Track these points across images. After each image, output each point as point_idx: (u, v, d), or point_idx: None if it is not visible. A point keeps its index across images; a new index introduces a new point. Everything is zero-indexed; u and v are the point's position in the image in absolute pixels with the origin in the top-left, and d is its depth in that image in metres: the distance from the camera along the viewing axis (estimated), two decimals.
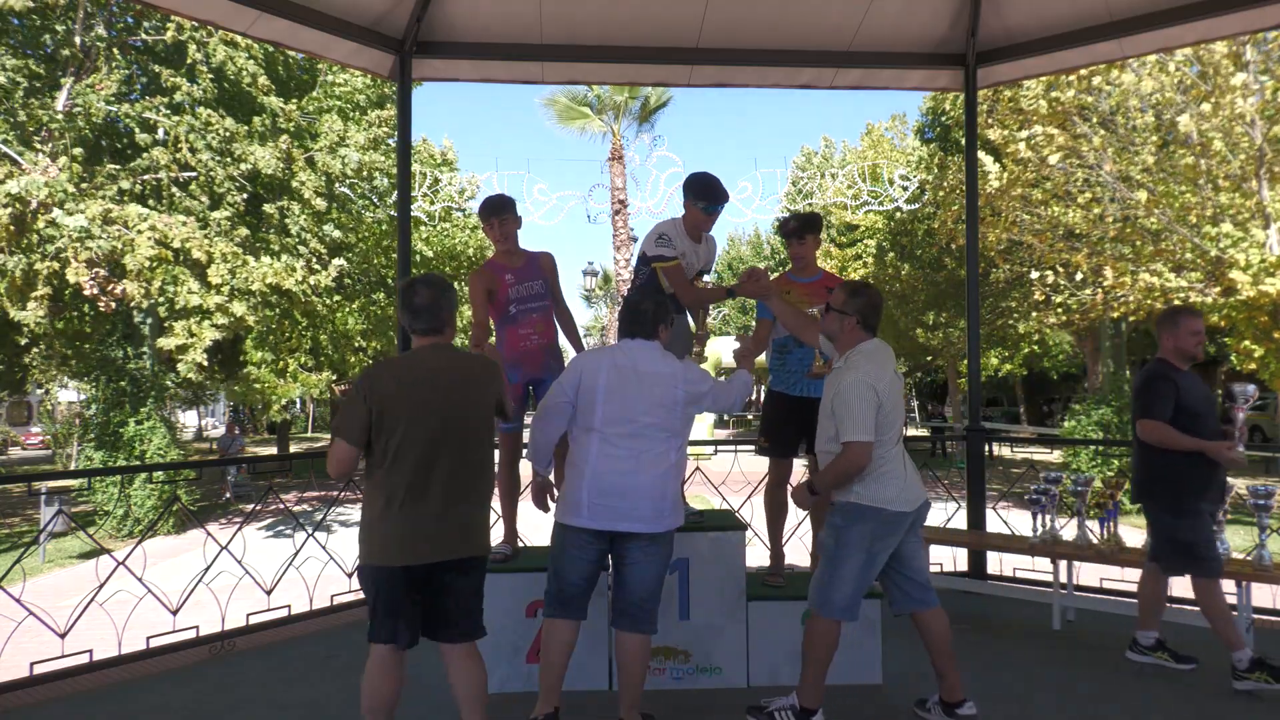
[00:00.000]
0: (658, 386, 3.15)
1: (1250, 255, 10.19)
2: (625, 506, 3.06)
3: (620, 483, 3.07)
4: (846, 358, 3.26)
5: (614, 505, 3.06)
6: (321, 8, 4.85)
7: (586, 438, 3.15)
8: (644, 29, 5.43)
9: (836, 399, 3.15)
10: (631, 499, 3.07)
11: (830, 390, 3.24)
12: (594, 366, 3.19)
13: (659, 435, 3.14)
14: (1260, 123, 10.53)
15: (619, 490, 3.06)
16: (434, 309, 2.85)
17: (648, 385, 3.14)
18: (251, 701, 3.71)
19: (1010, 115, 12.40)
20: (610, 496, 3.07)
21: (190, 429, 41.05)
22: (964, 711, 3.30)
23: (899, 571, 3.32)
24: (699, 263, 4.04)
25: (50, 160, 11.02)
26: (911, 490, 3.24)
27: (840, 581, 3.19)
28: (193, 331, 12.35)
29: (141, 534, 5.60)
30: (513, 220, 3.96)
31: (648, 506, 3.09)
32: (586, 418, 3.15)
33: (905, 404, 3.59)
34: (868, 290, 3.32)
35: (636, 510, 3.07)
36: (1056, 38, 5.32)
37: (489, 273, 3.95)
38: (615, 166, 18.51)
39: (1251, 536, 4.31)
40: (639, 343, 3.25)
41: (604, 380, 3.15)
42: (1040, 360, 24.84)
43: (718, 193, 3.86)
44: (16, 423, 34.33)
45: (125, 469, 12.68)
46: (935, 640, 3.31)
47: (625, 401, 3.11)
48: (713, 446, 6.39)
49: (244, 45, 12.67)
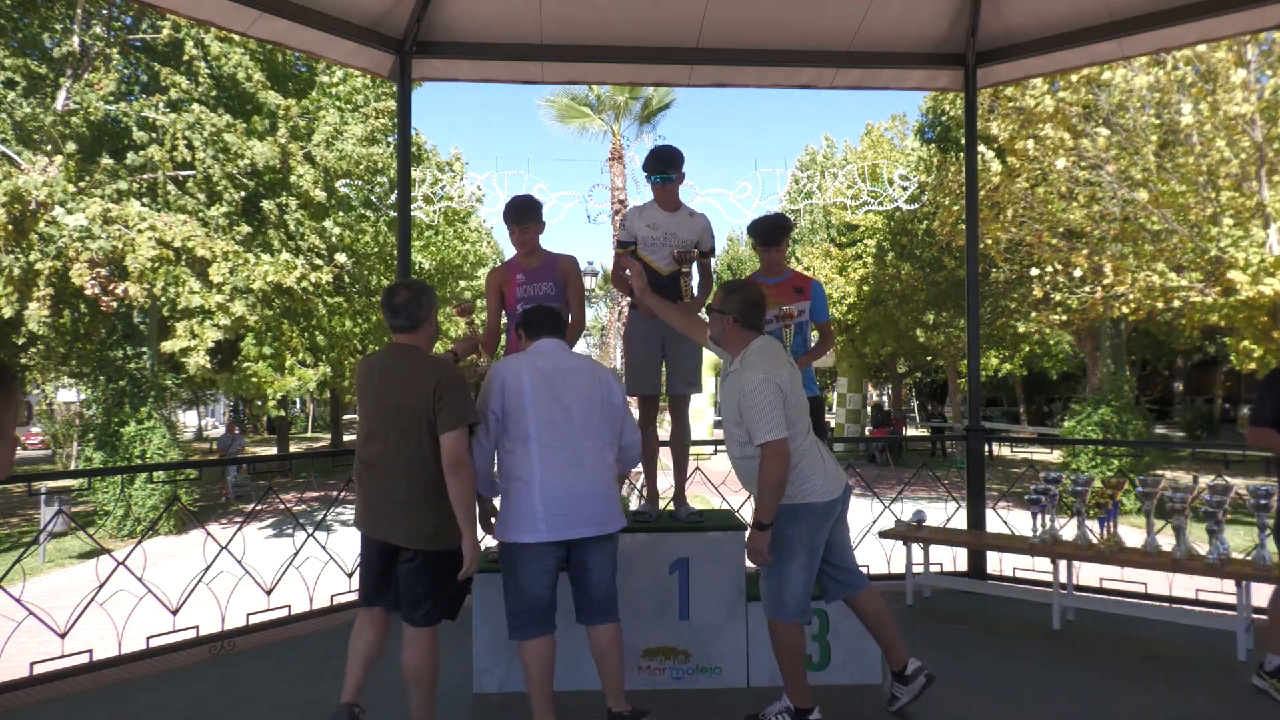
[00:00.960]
0: (582, 384, 3.12)
1: (1250, 255, 10.20)
2: (580, 513, 3.03)
3: (570, 489, 3.03)
4: (741, 358, 3.18)
5: (569, 513, 3.02)
6: (321, 8, 4.85)
7: (523, 448, 3.05)
8: (644, 29, 5.43)
9: (743, 402, 3.08)
10: (584, 504, 3.04)
11: (732, 395, 3.16)
12: (514, 372, 3.10)
13: (594, 434, 3.11)
14: (1260, 122, 10.53)
15: (571, 497, 3.03)
16: (409, 308, 3.05)
17: (573, 384, 3.11)
18: (251, 701, 3.71)
19: (1012, 114, 12.40)
20: (563, 505, 3.02)
21: (190, 429, 41.05)
22: (910, 671, 3.37)
23: (826, 560, 3.32)
24: (682, 233, 3.99)
25: (49, 160, 11.01)
26: (834, 478, 3.23)
27: (789, 583, 3.17)
28: (195, 332, 12.35)
29: (141, 534, 5.60)
30: (535, 227, 3.91)
31: (600, 509, 3.07)
32: (519, 427, 3.06)
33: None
34: (743, 287, 3.25)
35: (591, 515, 3.05)
36: (1056, 38, 5.32)
37: (502, 271, 3.97)
38: (615, 166, 18.50)
39: (1251, 536, 4.31)
40: (554, 343, 3.21)
41: (528, 385, 3.07)
42: (1040, 360, 24.85)
43: (655, 161, 3.89)
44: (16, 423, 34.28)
45: (125, 469, 12.67)
46: (873, 618, 3.37)
47: (556, 404, 3.06)
48: (713, 446, 6.39)
49: (240, 42, 12.67)
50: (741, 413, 3.09)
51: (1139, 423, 13.55)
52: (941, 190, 16.20)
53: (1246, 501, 4.28)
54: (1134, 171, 11.82)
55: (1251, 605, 4.14)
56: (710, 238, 4.12)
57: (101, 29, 12.63)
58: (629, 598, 3.76)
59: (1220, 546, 4.16)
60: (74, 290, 11.38)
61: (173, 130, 11.89)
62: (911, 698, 3.40)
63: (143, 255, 10.87)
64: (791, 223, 4.26)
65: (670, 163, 3.92)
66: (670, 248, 3.98)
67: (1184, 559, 4.27)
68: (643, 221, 3.99)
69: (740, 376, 3.12)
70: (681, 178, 3.99)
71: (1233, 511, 4.56)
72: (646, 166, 3.94)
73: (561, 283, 3.96)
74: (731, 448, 3.27)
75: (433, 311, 3.12)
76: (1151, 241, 11.93)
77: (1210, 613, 4.48)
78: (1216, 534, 4.19)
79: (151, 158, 11.87)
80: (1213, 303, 10.99)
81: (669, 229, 3.98)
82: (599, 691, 3.70)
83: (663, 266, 3.96)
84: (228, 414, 40.71)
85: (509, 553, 3.09)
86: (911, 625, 4.57)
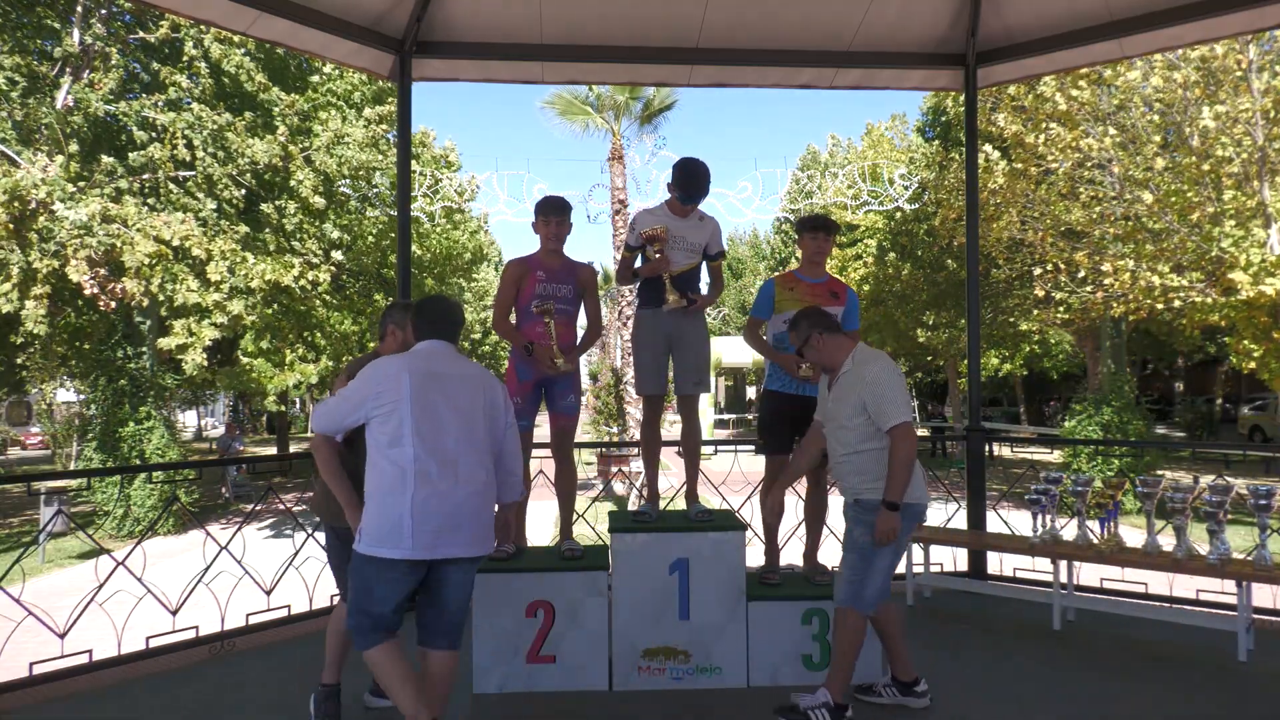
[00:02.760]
0: (465, 393, 2.89)
1: (1251, 255, 10.20)
2: (450, 532, 2.78)
3: (443, 506, 2.77)
4: (853, 358, 3.39)
5: (438, 531, 2.76)
6: (321, 8, 4.84)
7: (398, 453, 2.78)
8: (644, 29, 5.43)
9: (869, 390, 3.24)
10: (456, 523, 2.79)
11: (851, 391, 3.31)
12: (394, 373, 2.84)
13: (475, 449, 2.87)
14: (1262, 123, 10.53)
15: (443, 515, 2.77)
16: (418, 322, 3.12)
17: (454, 392, 2.87)
18: (251, 701, 3.71)
19: (1013, 114, 12.40)
20: (433, 521, 2.75)
21: (190, 429, 41.05)
22: (921, 690, 3.48)
23: None
24: (692, 236, 4.07)
25: (49, 159, 11.02)
26: (923, 484, 3.42)
27: (874, 576, 3.30)
28: (192, 330, 12.36)
29: (141, 534, 5.60)
30: (567, 223, 4.01)
31: (471, 530, 2.83)
32: (393, 433, 2.79)
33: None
34: (801, 312, 3.54)
35: (462, 534, 2.81)
36: (1056, 38, 5.32)
37: (524, 264, 3.99)
38: (615, 166, 18.49)
39: (1251, 536, 4.31)
40: (442, 344, 2.99)
41: (406, 388, 2.81)
42: (1040, 360, 24.84)
43: (693, 185, 3.93)
44: (16, 423, 34.32)
45: (125, 469, 12.67)
46: (896, 627, 3.52)
47: (434, 412, 2.81)
48: (713, 446, 6.38)
49: (238, 41, 12.67)
50: (866, 402, 3.25)
51: (1139, 423, 13.56)
52: (943, 188, 16.19)
53: (1247, 501, 4.28)
54: (1136, 172, 11.82)
55: (1252, 605, 4.14)
56: (720, 241, 4.18)
57: (101, 27, 12.63)
58: (629, 598, 3.77)
59: (1221, 546, 4.15)
60: (72, 289, 11.38)
61: (173, 129, 11.89)
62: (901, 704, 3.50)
63: (140, 252, 10.88)
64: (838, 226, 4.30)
65: (702, 187, 3.96)
66: (682, 250, 4.03)
67: (1184, 559, 4.26)
68: (653, 223, 4.01)
69: (861, 370, 3.32)
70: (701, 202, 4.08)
71: (1233, 511, 4.56)
72: (680, 186, 3.94)
73: (580, 290, 4.02)
74: (839, 445, 3.40)
75: (390, 326, 3.32)
76: (1153, 241, 11.93)
77: (1210, 613, 4.47)
78: (1217, 534, 4.19)
79: (152, 157, 11.88)
80: (1213, 303, 10.99)
81: (679, 231, 4.03)
82: (600, 692, 3.71)
83: (674, 266, 4.01)
84: (227, 414, 40.71)
85: (367, 565, 2.79)
86: (912, 625, 4.55)
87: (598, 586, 3.76)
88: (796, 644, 3.80)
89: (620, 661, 3.77)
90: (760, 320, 4.14)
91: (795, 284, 4.10)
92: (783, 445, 4.07)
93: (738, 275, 41.03)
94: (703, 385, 4.12)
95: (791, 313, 3.90)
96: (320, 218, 13.53)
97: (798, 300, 4.00)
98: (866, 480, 3.33)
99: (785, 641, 3.80)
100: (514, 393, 3.95)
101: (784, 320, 3.99)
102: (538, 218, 3.98)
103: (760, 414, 4.22)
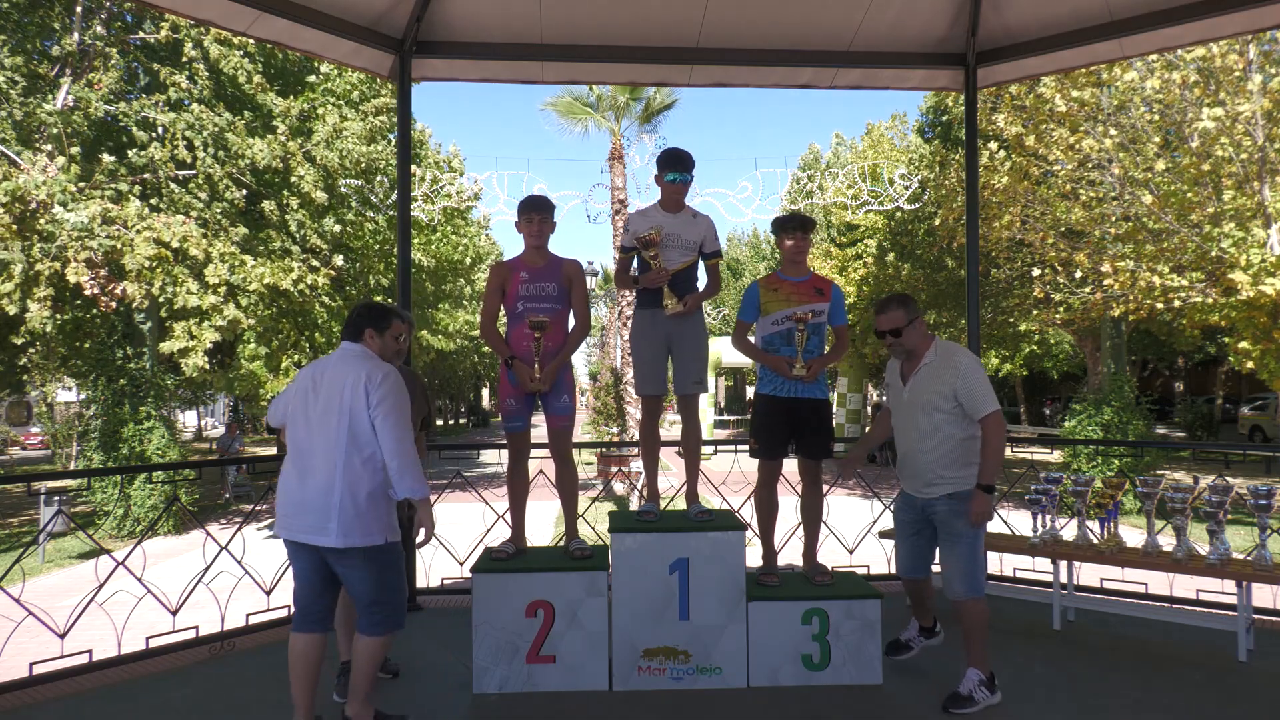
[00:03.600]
0: (332, 390, 3.10)
1: (1251, 255, 10.19)
2: (298, 520, 3.07)
3: (291, 494, 3.10)
4: (934, 349, 3.56)
5: (289, 517, 3.09)
6: (321, 7, 4.85)
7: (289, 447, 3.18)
8: (644, 29, 5.43)
9: (963, 382, 3.41)
10: (302, 511, 3.06)
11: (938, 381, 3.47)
12: (303, 374, 3.22)
13: (329, 443, 3.05)
14: (1262, 123, 10.53)
15: (292, 502, 3.09)
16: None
17: (324, 390, 3.12)
18: (252, 701, 3.71)
19: (1013, 114, 12.39)
20: (286, 508, 3.10)
21: (190, 429, 41.04)
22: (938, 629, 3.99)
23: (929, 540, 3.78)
24: (686, 234, 4.07)
25: (49, 160, 11.01)
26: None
27: (981, 558, 3.54)
28: (193, 333, 12.34)
29: (141, 534, 5.60)
30: (549, 222, 4.00)
31: (316, 519, 3.03)
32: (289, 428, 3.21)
33: None
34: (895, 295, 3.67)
35: (307, 523, 3.05)
36: (1056, 37, 5.32)
37: (506, 267, 3.99)
38: (616, 166, 18.48)
39: (1251, 536, 4.30)
40: (345, 346, 3.26)
41: (296, 387, 3.19)
42: (1040, 360, 24.84)
43: (674, 161, 4.01)
44: (16, 423, 34.31)
45: (125, 469, 12.66)
46: (930, 598, 3.96)
47: (305, 408, 3.13)
48: (713, 446, 6.38)
49: (239, 43, 12.67)
50: (958, 390, 3.44)
51: (1139, 423, 13.55)
52: (943, 188, 16.19)
53: (1247, 501, 4.28)
54: (1136, 172, 11.82)
55: (1252, 605, 4.14)
56: (714, 239, 4.17)
57: (101, 28, 12.63)
58: (629, 597, 3.77)
59: (1221, 546, 4.16)
60: (73, 289, 11.38)
61: (173, 130, 11.89)
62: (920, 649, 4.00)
63: (140, 254, 10.88)
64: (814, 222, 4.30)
65: (687, 163, 4.03)
66: (677, 248, 4.04)
67: (1184, 559, 4.26)
68: (646, 224, 4.03)
69: (950, 360, 3.49)
70: (691, 180, 4.09)
71: (1233, 511, 4.56)
72: (663, 165, 4.03)
73: (565, 286, 3.99)
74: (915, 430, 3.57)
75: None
76: (1153, 241, 11.93)
77: (1210, 613, 4.48)
78: (1217, 534, 4.19)
79: (152, 157, 11.87)
80: (1213, 303, 10.98)
81: (673, 230, 4.04)
82: (600, 692, 3.71)
83: (670, 265, 4.02)
84: (227, 414, 40.72)
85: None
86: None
87: (598, 586, 3.76)
88: (796, 644, 3.80)
89: (620, 661, 3.77)
90: (747, 324, 4.12)
91: (779, 284, 4.07)
92: (776, 450, 4.05)
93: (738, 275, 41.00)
94: (702, 385, 4.12)
95: (779, 314, 3.94)
96: (322, 214, 13.52)
97: (783, 300, 3.99)
98: (951, 469, 3.50)
99: (785, 641, 3.80)
100: (505, 396, 3.96)
101: (772, 322, 4.00)
102: (519, 217, 3.99)
103: (753, 418, 4.18)
